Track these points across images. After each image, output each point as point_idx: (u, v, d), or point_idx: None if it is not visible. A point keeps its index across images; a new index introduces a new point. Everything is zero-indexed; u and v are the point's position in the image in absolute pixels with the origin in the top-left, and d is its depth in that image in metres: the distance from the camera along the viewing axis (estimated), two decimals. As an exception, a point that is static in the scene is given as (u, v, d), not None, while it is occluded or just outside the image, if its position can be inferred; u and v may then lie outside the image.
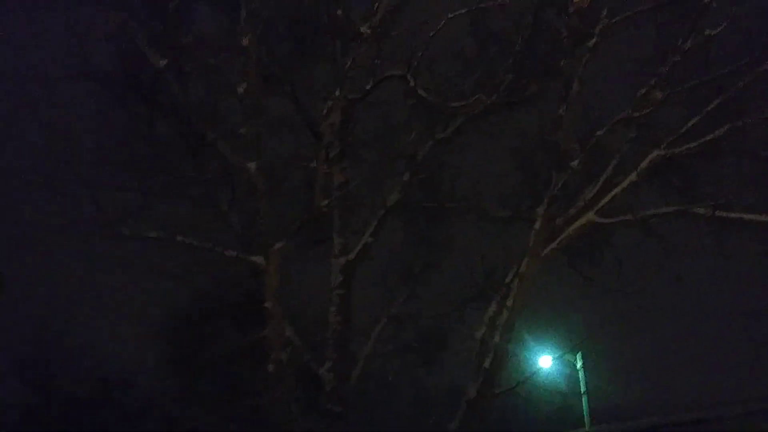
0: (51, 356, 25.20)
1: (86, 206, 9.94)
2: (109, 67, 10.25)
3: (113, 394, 24.03)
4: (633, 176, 9.28)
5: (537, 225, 9.65)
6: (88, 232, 9.93)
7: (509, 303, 9.36)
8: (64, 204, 9.98)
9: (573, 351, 21.78)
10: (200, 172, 10.33)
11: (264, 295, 9.17)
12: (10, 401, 24.63)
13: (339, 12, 9.64)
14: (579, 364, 22.80)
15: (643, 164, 9.30)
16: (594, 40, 9.27)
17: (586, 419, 21.84)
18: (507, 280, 9.66)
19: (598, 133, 9.66)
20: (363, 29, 9.42)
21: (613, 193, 9.37)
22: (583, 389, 22.49)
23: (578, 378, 22.51)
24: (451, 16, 8.68)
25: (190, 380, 18.44)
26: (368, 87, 9.25)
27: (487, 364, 9.08)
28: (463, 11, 8.87)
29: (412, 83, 8.60)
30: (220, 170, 10.15)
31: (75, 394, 24.71)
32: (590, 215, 9.28)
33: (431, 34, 8.68)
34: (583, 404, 22.24)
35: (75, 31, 9.78)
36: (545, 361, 22.46)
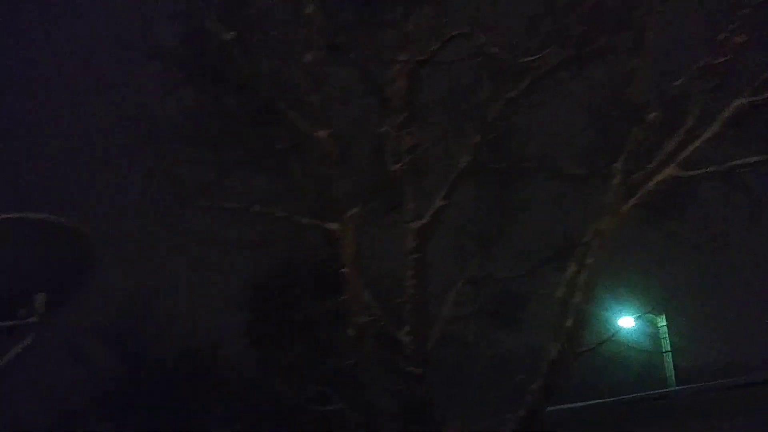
0: (140, 327, 26.34)
1: (164, 181, 10.23)
2: (176, 45, 10.50)
3: (199, 363, 24.96)
4: (716, 127, 8.89)
5: (615, 181, 9.40)
6: (167, 206, 10.23)
7: (589, 262, 9.18)
8: (143, 180, 10.31)
9: (656, 310, 21.35)
10: (271, 143, 10.48)
11: (341, 261, 9.27)
12: (104, 371, 25.88)
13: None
14: (662, 324, 22.36)
15: (726, 114, 8.89)
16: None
17: (670, 379, 21.45)
18: (586, 238, 9.46)
19: (676, 83, 9.28)
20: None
21: (695, 144, 9.01)
22: (666, 349, 22.06)
23: (661, 337, 22.11)
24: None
25: (273, 347, 19.00)
26: (434, 48, 9.13)
27: (568, 323, 8.96)
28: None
29: (479, 41, 8.44)
30: (291, 140, 10.26)
31: (163, 363, 25.77)
32: (671, 168, 8.96)
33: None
34: (667, 364, 21.84)
35: (142, 11, 10.03)
36: (627, 321, 22.10)
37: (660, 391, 17.07)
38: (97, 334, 27.85)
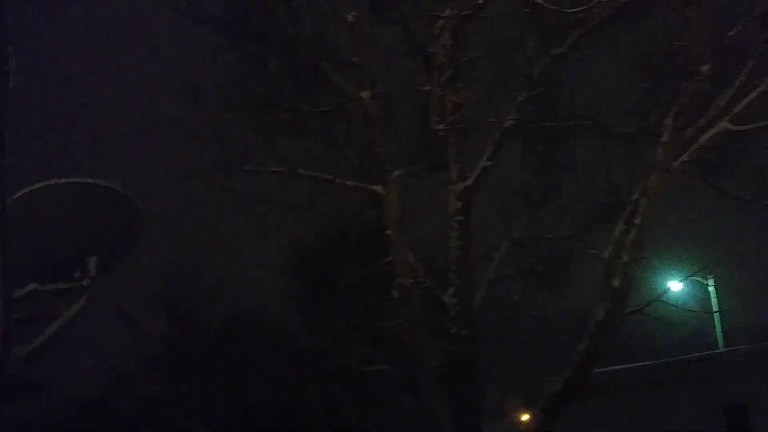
0: (188, 292, 26.86)
1: (210, 146, 10.30)
2: (221, 10, 10.50)
3: (246, 327, 25.41)
4: (771, 78, 8.56)
5: (665, 137, 9.15)
6: (214, 171, 10.31)
7: (637, 221, 9.00)
8: (190, 144, 10.39)
9: (704, 272, 20.94)
10: (315, 105, 10.45)
11: (385, 223, 9.25)
12: (155, 336, 26.51)
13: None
14: (711, 286, 21.95)
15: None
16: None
17: (719, 340, 21.13)
18: (634, 197, 9.27)
19: (730, 33, 8.94)
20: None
21: (749, 98, 8.70)
22: (714, 310, 21.67)
23: (710, 298, 21.73)
24: None
25: (319, 311, 19.24)
26: (478, 2, 8.92)
27: (616, 284, 8.83)
28: None
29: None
30: (335, 102, 10.20)
31: (211, 328, 26.30)
32: (724, 123, 8.68)
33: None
34: (715, 326, 21.48)
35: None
36: (675, 284, 21.78)
37: (708, 352, 16.84)
38: (147, 299, 28.56)
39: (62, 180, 7.09)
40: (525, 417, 18.61)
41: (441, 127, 9.35)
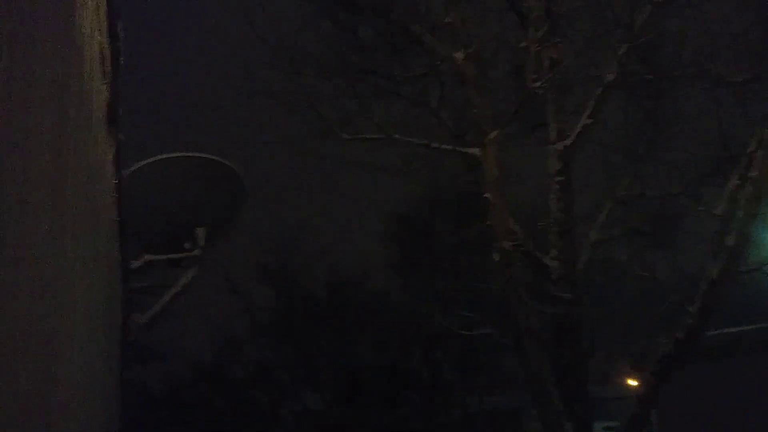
0: (290, 261, 27.59)
1: (307, 115, 10.42)
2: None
3: (348, 294, 25.91)
4: None
5: (782, 84, 8.57)
6: (311, 140, 10.45)
7: (752, 174, 8.50)
8: (288, 115, 10.56)
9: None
10: (409, 69, 10.37)
11: (483, 186, 9.13)
12: (261, 304, 27.46)
13: None
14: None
15: None
16: None
17: None
18: (749, 149, 8.75)
19: None
20: None
21: None
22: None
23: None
24: None
25: (419, 276, 19.37)
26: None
27: (730, 241, 8.40)
28: None
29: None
30: (428, 65, 10.10)
31: (315, 295, 26.97)
32: None
33: None
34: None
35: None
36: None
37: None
38: (253, 268, 29.62)
39: (169, 155, 7.38)
40: (633, 381, 18.18)
41: (538, 84, 9.09)
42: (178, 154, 7.34)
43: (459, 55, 9.21)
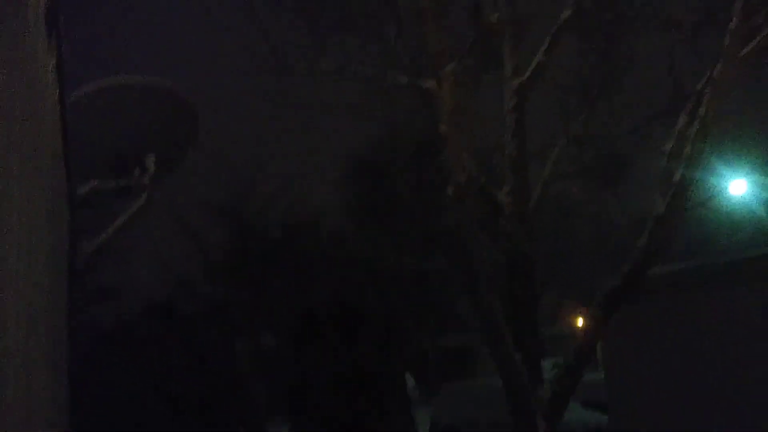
0: (245, 201, 27.41)
1: (262, 48, 10.22)
2: None
3: (304, 235, 25.91)
4: None
5: (732, 24, 8.64)
6: (264, 72, 10.27)
7: (701, 112, 8.63)
8: (240, 46, 10.34)
9: (770, 173, 20.26)
10: (365, 3, 10.20)
11: (439, 121, 9.11)
12: (213, 244, 27.30)
13: None
14: (776, 187, 21.28)
15: None
16: None
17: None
18: (698, 86, 8.88)
19: None
20: None
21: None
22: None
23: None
24: None
25: (375, 214, 19.45)
26: None
27: (676, 177, 8.57)
28: None
29: None
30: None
31: (269, 236, 26.92)
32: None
33: None
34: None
35: None
36: (740, 185, 21.18)
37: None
38: (206, 207, 29.30)
39: (118, 79, 7.16)
40: (582, 320, 18.67)
41: (495, 19, 9.04)
42: (129, 79, 7.13)
43: (416, -13, 9.07)
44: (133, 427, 10.08)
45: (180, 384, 10.38)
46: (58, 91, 4.52)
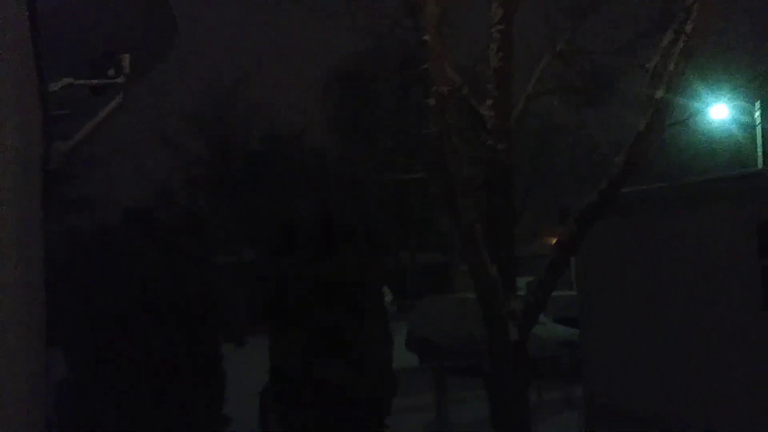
0: (225, 112, 27.11)
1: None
2: None
3: (285, 149, 25.80)
4: None
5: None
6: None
7: (687, 29, 8.55)
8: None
9: (751, 98, 20.35)
10: None
11: (424, 28, 8.94)
12: (194, 156, 27.14)
13: None
14: (757, 113, 21.38)
15: None
16: None
17: (760, 160, 21.00)
18: (687, 3, 8.75)
19: None
20: None
21: None
22: (759, 138, 21.28)
23: (756, 125, 21.28)
24: None
25: (358, 130, 19.35)
26: None
27: (659, 94, 8.55)
28: None
29: None
30: None
31: (250, 149, 26.77)
32: None
33: None
34: (758, 149, 21.23)
35: None
36: (721, 110, 21.21)
37: (747, 170, 16.58)
38: (186, 119, 28.84)
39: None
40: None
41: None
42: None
43: None
44: (113, 335, 10.19)
45: (160, 294, 10.45)
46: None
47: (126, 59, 6.82)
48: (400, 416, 13.43)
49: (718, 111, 21.02)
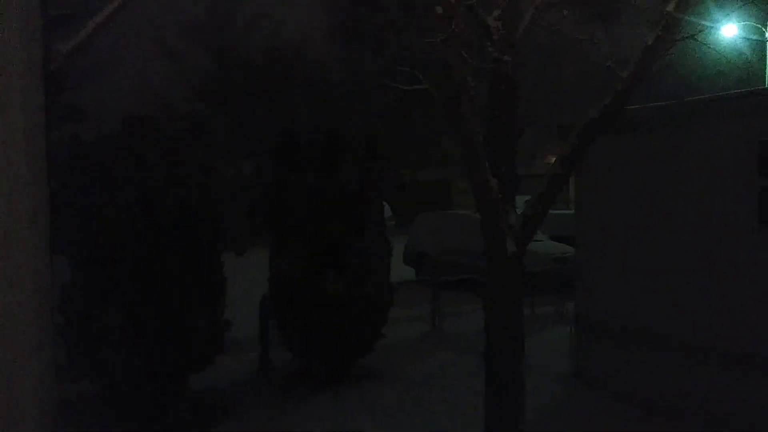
0: (227, 24, 26.56)
1: None
2: None
3: (286, 60, 25.39)
4: None
5: None
6: None
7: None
8: None
9: (761, 19, 19.92)
10: None
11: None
12: (195, 66, 26.73)
13: None
14: (767, 32, 21.03)
15: None
16: None
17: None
18: None
19: None
20: None
21: None
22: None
23: (764, 47, 20.94)
24: None
25: (362, 42, 18.89)
26: None
27: (670, 7, 8.34)
28: None
29: None
30: None
31: (251, 60, 26.34)
32: None
33: None
34: (767, 65, 20.98)
35: None
36: (731, 29, 20.79)
37: (752, 89, 16.40)
38: (187, 31, 28.20)
39: None
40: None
41: None
42: None
43: None
44: (114, 240, 10.29)
45: (162, 201, 10.51)
46: None
47: (126, -45, 6.64)
48: (397, 326, 13.74)
49: (729, 29, 20.62)
